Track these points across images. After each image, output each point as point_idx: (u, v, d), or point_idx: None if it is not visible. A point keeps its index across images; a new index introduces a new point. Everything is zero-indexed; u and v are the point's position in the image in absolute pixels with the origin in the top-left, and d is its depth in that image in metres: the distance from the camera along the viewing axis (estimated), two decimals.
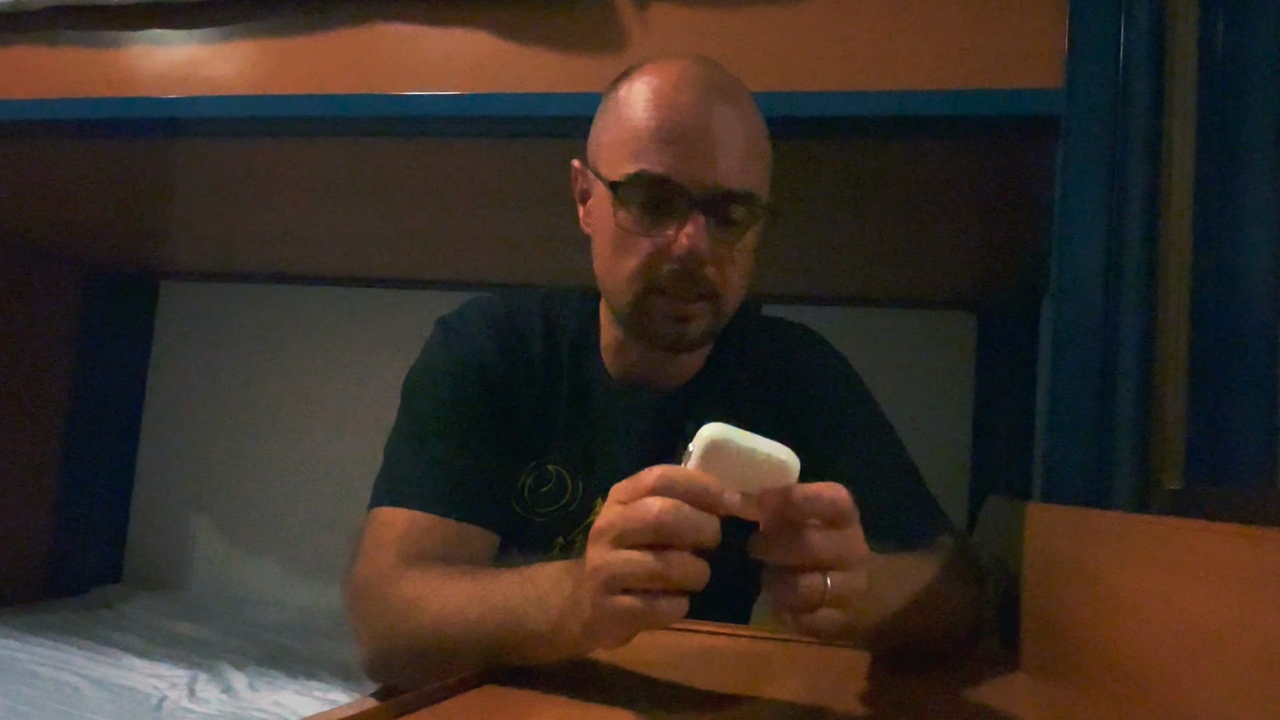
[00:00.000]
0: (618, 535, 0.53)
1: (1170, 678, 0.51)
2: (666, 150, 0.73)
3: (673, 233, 0.74)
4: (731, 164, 0.74)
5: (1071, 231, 0.91)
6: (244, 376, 2.44)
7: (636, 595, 0.52)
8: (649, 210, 0.75)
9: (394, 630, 0.68)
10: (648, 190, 0.74)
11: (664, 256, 0.75)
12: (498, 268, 2.08)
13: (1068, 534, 0.76)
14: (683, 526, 0.51)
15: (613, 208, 0.76)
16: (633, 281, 0.76)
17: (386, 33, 1.16)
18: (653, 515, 0.51)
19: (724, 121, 0.74)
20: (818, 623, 0.53)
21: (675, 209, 0.74)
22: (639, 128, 0.74)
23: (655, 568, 0.51)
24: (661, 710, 0.59)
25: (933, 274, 1.85)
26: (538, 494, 0.85)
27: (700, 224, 0.73)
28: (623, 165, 0.75)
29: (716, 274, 0.76)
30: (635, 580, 0.52)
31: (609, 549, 0.53)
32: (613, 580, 0.52)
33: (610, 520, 0.54)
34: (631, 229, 0.75)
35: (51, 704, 1.44)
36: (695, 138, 0.73)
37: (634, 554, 0.52)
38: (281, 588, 2.33)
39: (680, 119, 0.73)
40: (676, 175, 0.73)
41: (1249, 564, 0.43)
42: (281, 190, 1.57)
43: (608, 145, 0.78)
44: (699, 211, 0.73)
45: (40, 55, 1.27)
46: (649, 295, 0.76)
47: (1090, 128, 0.92)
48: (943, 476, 1.67)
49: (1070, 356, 0.90)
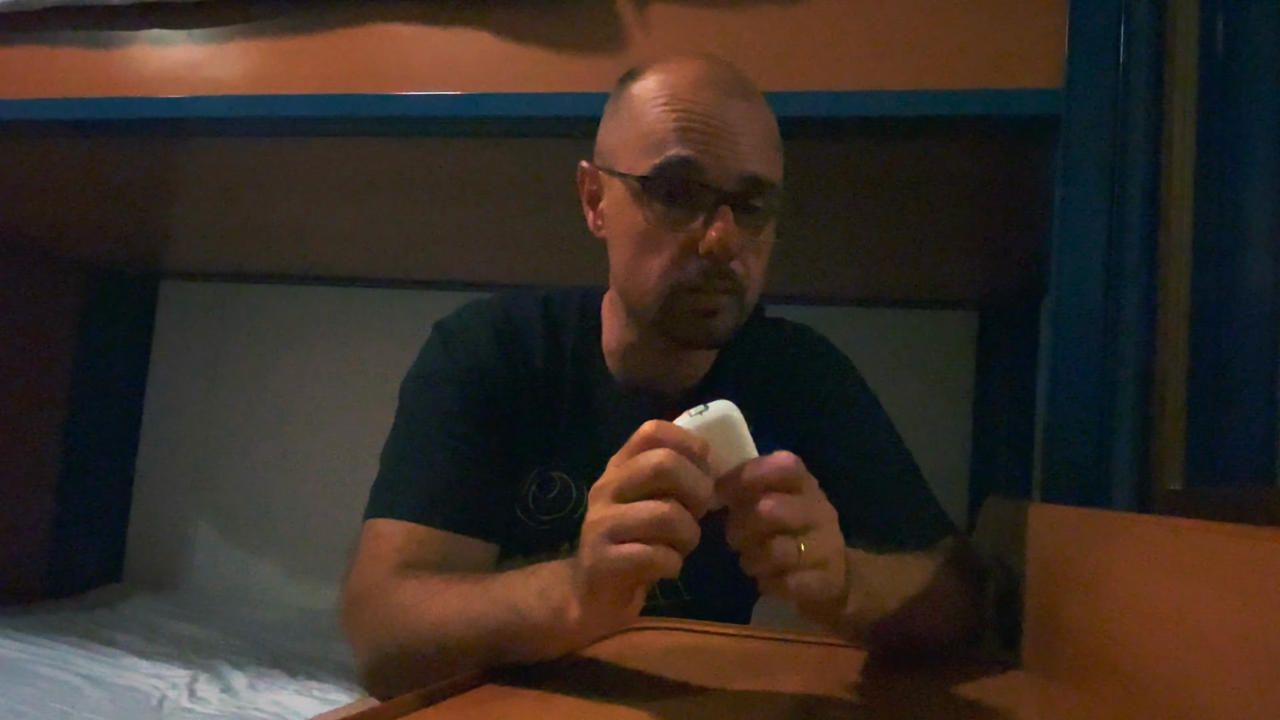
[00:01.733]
0: (617, 489, 0.54)
1: (1170, 678, 0.51)
2: (690, 140, 0.73)
3: (699, 226, 0.74)
4: (752, 153, 0.74)
5: (1071, 231, 0.91)
6: (244, 376, 2.44)
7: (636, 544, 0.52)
8: (675, 205, 0.74)
9: (392, 635, 0.68)
10: (676, 180, 0.74)
11: (691, 251, 0.75)
12: (498, 268, 2.09)
13: (1068, 534, 0.76)
14: (680, 473, 0.52)
15: (636, 205, 0.75)
16: (661, 280, 0.76)
17: (386, 33, 1.16)
18: (653, 463, 0.52)
19: (744, 113, 0.75)
20: (803, 585, 0.54)
21: (701, 202, 0.74)
22: (660, 123, 0.74)
23: (657, 511, 0.52)
24: (661, 710, 0.59)
25: (933, 273, 1.85)
26: (542, 501, 0.85)
27: (728, 216, 0.73)
28: (647, 159, 0.74)
29: (741, 267, 0.76)
30: (636, 526, 0.52)
31: (608, 504, 0.54)
32: (615, 529, 0.53)
33: (609, 477, 0.55)
34: (657, 225, 0.75)
35: (51, 704, 1.44)
36: (718, 128, 0.74)
37: (634, 504, 0.53)
38: (281, 588, 2.33)
39: (703, 111, 0.74)
40: (701, 166, 0.73)
41: (1249, 564, 0.43)
42: (281, 190, 1.57)
43: (626, 144, 0.77)
44: (725, 203, 0.73)
45: (40, 55, 1.27)
46: (677, 293, 0.76)
47: (1090, 128, 0.92)
48: (943, 476, 1.66)
49: (1070, 356, 0.90)
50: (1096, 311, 0.89)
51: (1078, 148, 0.92)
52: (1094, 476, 0.88)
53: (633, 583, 0.54)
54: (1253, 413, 0.77)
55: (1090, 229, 0.90)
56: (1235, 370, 0.79)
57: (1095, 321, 0.89)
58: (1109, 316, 0.89)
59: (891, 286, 2.00)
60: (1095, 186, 0.91)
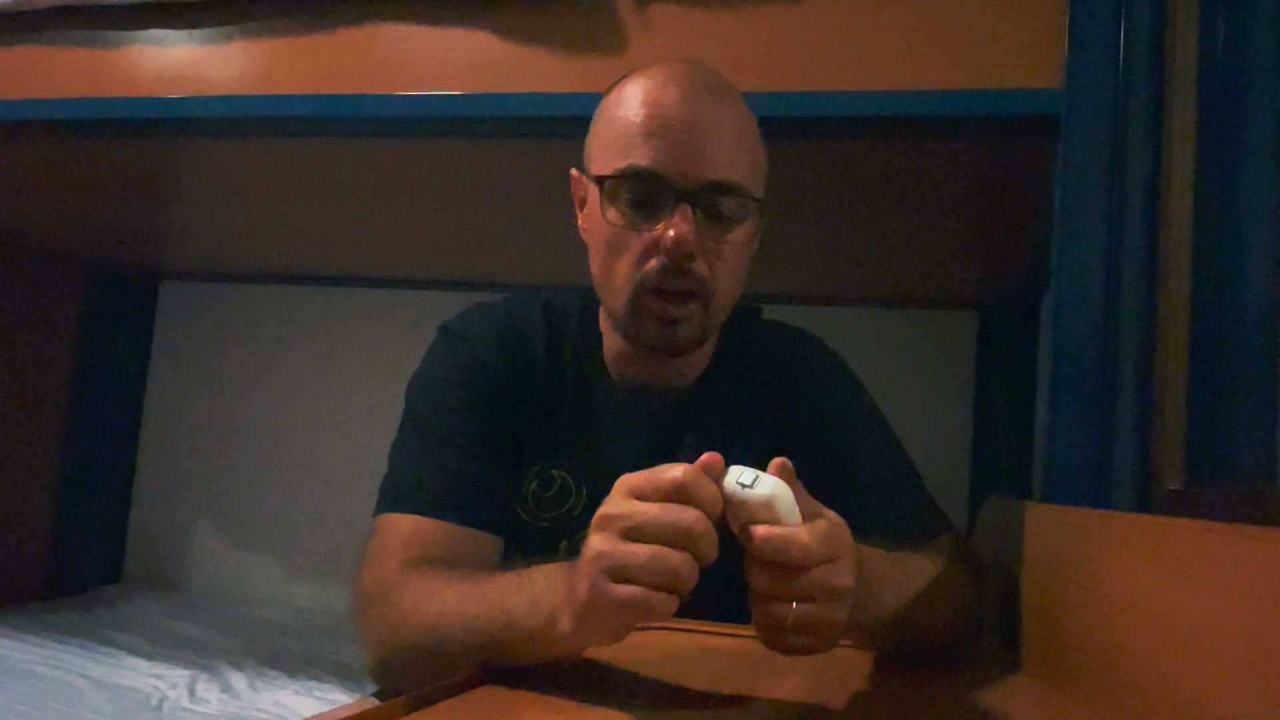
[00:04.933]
0: (632, 529, 0.53)
1: (1170, 677, 0.51)
2: (651, 144, 0.74)
3: (661, 227, 0.74)
4: (717, 155, 0.74)
5: (1071, 231, 0.91)
6: (244, 376, 2.44)
7: (637, 587, 0.52)
8: (637, 207, 0.75)
9: (396, 634, 0.69)
10: (635, 185, 0.74)
11: (653, 252, 0.75)
12: (498, 268, 2.08)
13: (1068, 534, 0.76)
14: (705, 540, 0.52)
15: (605, 207, 0.76)
16: (626, 282, 0.77)
17: (386, 33, 1.16)
18: (685, 525, 0.52)
19: (710, 115, 0.75)
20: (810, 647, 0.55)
21: (663, 204, 0.74)
22: (625, 125, 0.75)
23: (668, 564, 0.52)
24: (661, 710, 0.59)
25: (933, 273, 1.85)
26: (542, 499, 0.86)
27: (687, 215, 0.73)
28: (611, 162, 0.76)
29: (706, 270, 0.76)
30: (642, 573, 0.52)
31: (617, 539, 0.53)
32: (619, 570, 0.52)
33: (622, 511, 0.54)
34: (620, 225, 0.76)
35: (51, 704, 1.44)
36: (680, 130, 0.74)
37: (645, 548, 0.52)
38: (281, 588, 2.33)
39: (665, 113, 0.74)
40: (662, 168, 0.73)
41: (1249, 564, 0.43)
42: (281, 190, 1.57)
43: (598, 147, 0.78)
44: (686, 203, 0.74)
45: (40, 55, 1.27)
46: (642, 297, 0.76)
47: (1090, 128, 0.91)
48: (943, 476, 1.67)
49: (1070, 356, 0.90)
50: (1096, 311, 0.89)
51: (1078, 148, 0.92)
52: (1094, 476, 0.88)
53: (627, 626, 0.55)
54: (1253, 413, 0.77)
55: (1090, 228, 0.90)
56: (1235, 370, 0.79)
57: (1095, 321, 0.89)
58: (1109, 316, 0.89)
59: (891, 286, 2.00)
60: (1095, 186, 0.91)
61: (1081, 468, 0.89)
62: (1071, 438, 0.89)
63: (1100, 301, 0.89)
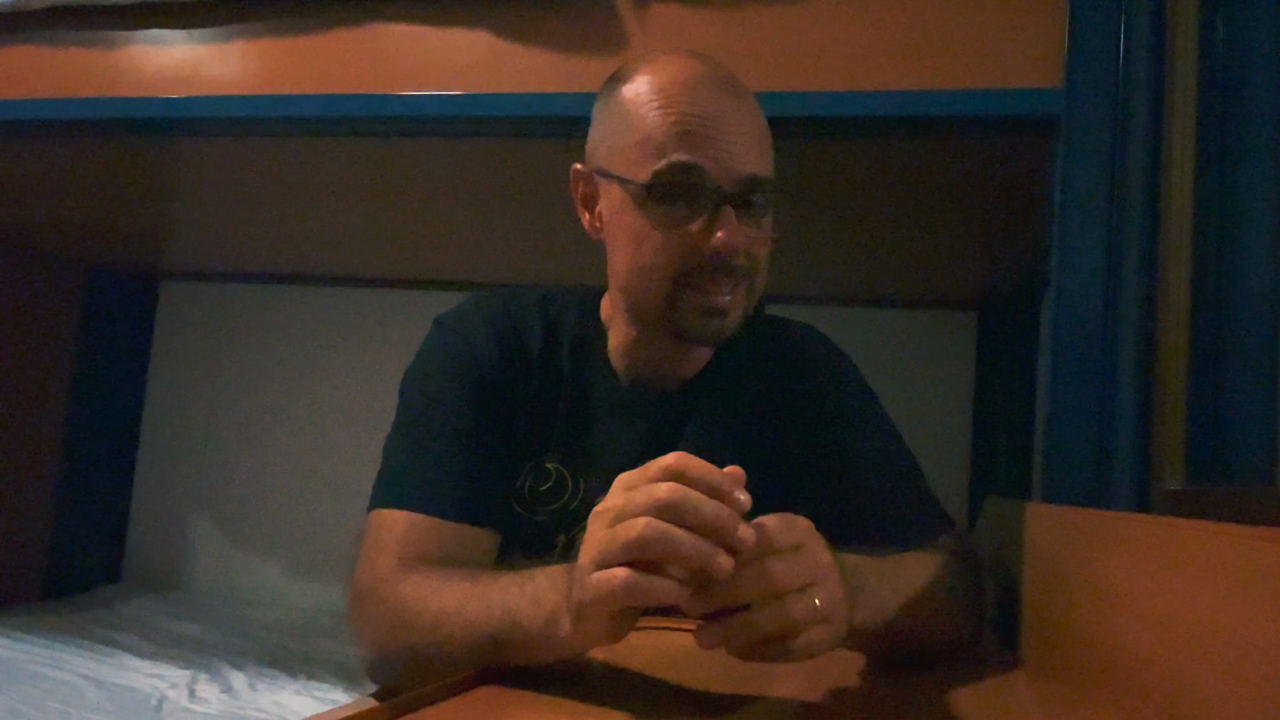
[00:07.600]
0: (615, 517, 0.54)
1: (1170, 677, 0.51)
2: (690, 143, 0.74)
3: (698, 226, 0.75)
4: (749, 151, 0.76)
5: (1071, 231, 0.91)
6: (244, 376, 2.44)
7: (627, 569, 0.52)
8: (676, 207, 0.76)
9: (394, 633, 0.68)
10: (678, 184, 0.75)
11: (694, 251, 0.76)
12: (498, 268, 2.08)
13: (1068, 534, 0.76)
14: (684, 506, 0.52)
15: (638, 209, 0.76)
16: (666, 281, 0.77)
17: (386, 33, 1.16)
18: (655, 497, 0.52)
19: (736, 110, 0.76)
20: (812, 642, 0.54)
21: (703, 203, 0.75)
22: (658, 127, 0.75)
23: (631, 532, 0.52)
24: (661, 710, 0.59)
25: (933, 273, 1.85)
26: (537, 493, 0.85)
27: (731, 217, 0.75)
28: (648, 164, 0.75)
29: (746, 260, 0.77)
30: (629, 553, 0.52)
31: (608, 527, 0.54)
32: (608, 555, 0.53)
33: (613, 503, 0.55)
34: (660, 228, 0.76)
35: (51, 704, 1.44)
36: (717, 130, 0.75)
37: (629, 524, 0.53)
38: (281, 588, 2.33)
39: (699, 113, 0.75)
40: (703, 165, 0.74)
41: (1249, 564, 0.43)
42: (282, 190, 1.57)
43: (623, 148, 0.78)
44: (728, 204, 0.75)
45: (40, 55, 1.27)
46: (680, 290, 0.77)
47: (1090, 128, 0.92)
48: (943, 476, 1.67)
49: (1070, 356, 0.90)
50: (1096, 311, 0.89)
51: (1078, 148, 0.92)
52: (1094, 476, 0.88)
53: (618, 608, 0.55)
54: (1253, 412, 0.77)
55: (1090, 228, 0.90)
56: (1235, 370, 0.79)
57: (1095, 321, 0.89)
58: (1109, 316, 0.89)
59: (891, 286, 2.00)
60: (1095, 186, 0.91)
61: (1081, 467, 0.89)
62: (1071, 437, 0.89)
63: (1100, 301, 0.89)
